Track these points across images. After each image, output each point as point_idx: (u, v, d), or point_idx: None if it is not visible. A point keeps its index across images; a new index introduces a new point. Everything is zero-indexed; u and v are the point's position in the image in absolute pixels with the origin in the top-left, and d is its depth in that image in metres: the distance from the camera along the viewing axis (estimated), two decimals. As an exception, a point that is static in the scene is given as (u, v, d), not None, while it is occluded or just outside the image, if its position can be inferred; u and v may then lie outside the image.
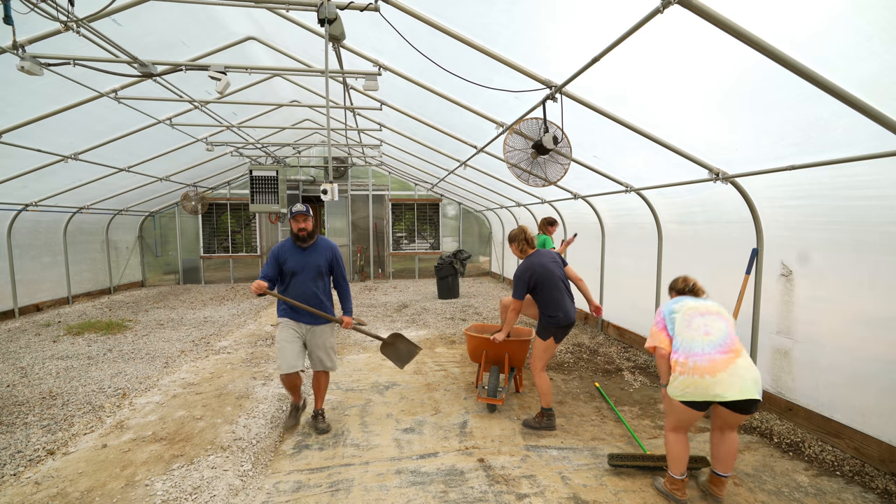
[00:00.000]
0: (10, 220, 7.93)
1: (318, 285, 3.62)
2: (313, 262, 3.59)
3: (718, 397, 2.44)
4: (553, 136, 3.66)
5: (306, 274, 3.56)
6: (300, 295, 3.55)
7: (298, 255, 3.57)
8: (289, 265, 3.55)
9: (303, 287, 3.55)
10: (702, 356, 2.50)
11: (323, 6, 3.10)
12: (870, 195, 3.08)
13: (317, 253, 3.62)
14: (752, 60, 2.41)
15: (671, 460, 2.74)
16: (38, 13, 3.22)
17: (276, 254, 3.59)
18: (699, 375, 2.46)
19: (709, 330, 2.58)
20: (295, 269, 3.55)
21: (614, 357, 5.73)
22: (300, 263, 3.56)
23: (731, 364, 2.46)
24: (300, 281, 3.55)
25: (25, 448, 3.47)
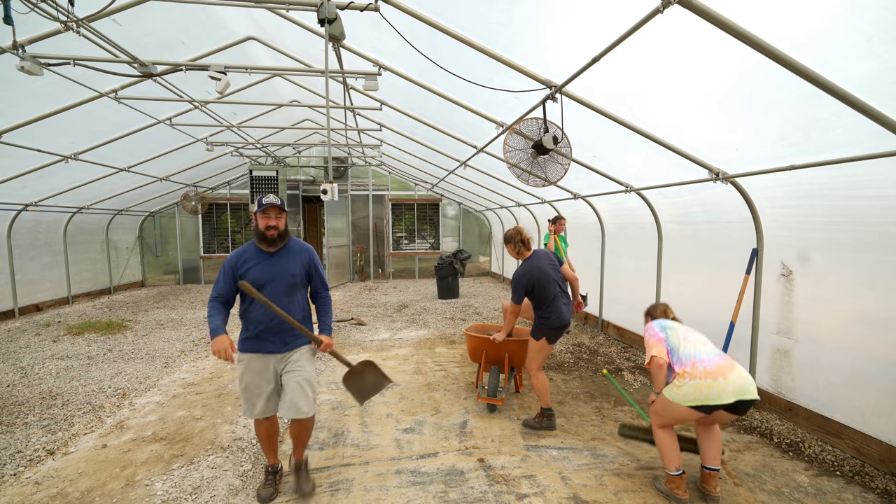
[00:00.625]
0: (10, 220, 7.93)
1: (294, 300, 2.75)
2: (285, 269, 2.72)
3: (733, 396, 2.51)
4: (553, 136, 3.66)
5: (277, 286, 2.68)
6: (269, 317, 2.67)
7: (265, 262, 2.69)
8: (252, 276, 2.64)
9: (273, 301, 2.64)
10: (709, 361, 2.64)
11: (323, 6, 3.10)
12: (870, 195, 3.08)
13: (289, 258, 2.76)
14: (751, 60, 2.41)
15: (666, 455, 2.78)
16: (38, 13, 3.23)
17: (234, 263, 2.67)
18: (713, 378, 2.55)
19: (705, 343, 2.79)
20: (261, 281, 2.64)
21: (614, 357, 5.73)
22: (268, 273, 2.67)
23: (734, 367, 2.62)
24: (268, 296, 2.64)
25: (25, 448, 3.47)
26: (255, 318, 2.69)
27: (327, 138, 3.90)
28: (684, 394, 2.61)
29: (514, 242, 3.81)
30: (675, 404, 2.66)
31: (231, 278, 2.67)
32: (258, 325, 2.70)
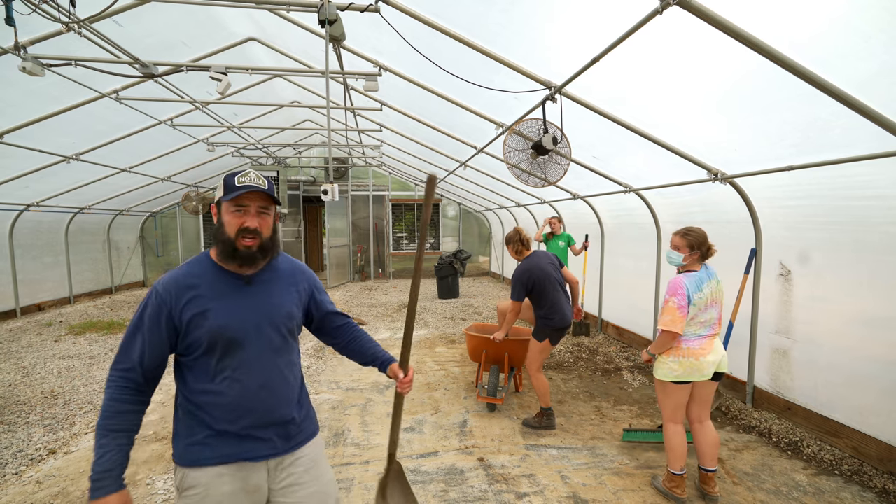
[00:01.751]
0: (11, 221, 7.95)
1: (291, 365, 1.57)
2: (275, 309, 1.52)
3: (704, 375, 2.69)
4: (552, 136, 3.67)
5: (262, 342, 1.47)
6: (252, 398, 1.45)
7: (236, 297, 1.47)
8: (216, 323, 1.41)
9: (258, 375, 1.46)
10: (694, 342, 2.72)
11: (323, 7, 3.12)
12: (868, 195, 3.09)
13: (279, 287, 1.57)
14: (750, 61, 2.42)
15: (672, 453, 2.78)
16: (39, 14, 3.24)
17: (168, 300, 1.40)
18: (694, 358, 2.68)
19: (704, 321, 2.74)
20: (233, 333, 1.42)
21: (613, 357, 5.74)
22: (244, 317, 1.45)
23: (712, 344, 2.74)
24: (250, 361, 1.45)
25: (27, 447, 3.48)
26: (231, 403, 1.40)
27: (328, 139, 3.91)
28: (669, 369, 2.73)
29: (513, 242, 3.84)
30: (667, 384, 2.75)
31: (163, 330, 1.38)
32: (238, 415, 1.41)
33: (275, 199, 1.50)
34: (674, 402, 2.77)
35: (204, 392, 1.42)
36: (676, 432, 2.78)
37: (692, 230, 2.76)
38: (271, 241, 1.52)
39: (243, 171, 1.47)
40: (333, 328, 1.77)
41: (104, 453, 1.29)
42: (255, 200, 1.46)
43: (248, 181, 1.44)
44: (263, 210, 1.48)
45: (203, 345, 1.39)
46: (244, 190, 1.42)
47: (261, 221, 1.47)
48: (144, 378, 1.40)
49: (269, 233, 1.50)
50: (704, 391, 2.80)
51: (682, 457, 2.77)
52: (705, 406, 2.83)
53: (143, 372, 1.39)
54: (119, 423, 1.33)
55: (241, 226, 1.43)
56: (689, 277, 2.69)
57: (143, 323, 1.38)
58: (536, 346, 3.71)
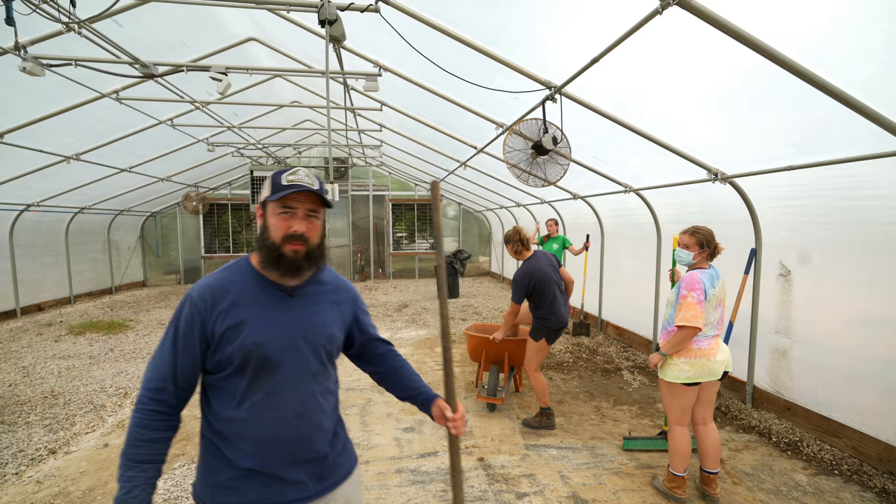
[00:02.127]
0: (12, 221, 7.96)
1: (325, 389, 1.38)
2: (317, 328, 1.35)
3: (715, 375, 2.69)
4: (552, 136, 3.67)
5: (301, 365, 1.30)
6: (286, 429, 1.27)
7: (277, 310, 1.30)
8: (252, 339, 1.23)
9: (293, 402, 1.28)
10: (704, 342, 2.71)
11: (323, 7, 3.12)
12: (868, 195, 3.09)
13: (322, 304, 1.39)
14: (750, 62, 2.42)
15: (677, 456, 2.77)
16: (39, 14, 3.24)
17: (203, 310, 1.23)
18: (706, 358, 2.67)
19: (712, 321, 2.73)
20: (270, 353, 1.25)
21: (613, 357, 5.74)
22: (284, 335, 1.28)
23: (718, 343, 2.75)
24: (285, 386, 1.28)
25: (27, 447, 3.48)
26: (261, 434, 1.24)
27: (328, 139, 3.91)
28: (681, 371, 2.69)
29: (513, 242, 3.82)
30: (675, 386, 2.72)
31: (196, 342, 1.23)
32: (267, 448, 1.24)
33: (325, 202, 1.31)
34: (682, 404, 2.75)
35: (230, 421, 1.24)
36: (683, 435, 2.76)
37: (700, 228, 2.80)
38: (319, 249, 1.34)
39: (292, 169, 1.30)
40: (375, 355, 1.56)
41: (131, 488, 1.15)
42: (304, 202, 1.28)
43: (297, 180, 1.26)
44: (312, 213, 1.30)
45: (234, 362, 1.22)
46: (292, 190, 1.24)
47: (309, 226, 1.29)
48: (177, 398, 1.24)
49: (317, 239, 1.33)
50: (710, 391, 2.79)
51: (687, 459, 2.77)
52: (710, 407, 2.82)
53: (176, 392, 1.23)
54: (147, 452, 1.19)
55: (288, 230, 1.26)
56: (703, 273, 2.72)
57: (178, 334, 1.22)
58: (533, 345, 3.71)
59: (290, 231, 1.26)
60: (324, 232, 1.38)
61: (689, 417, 2.79)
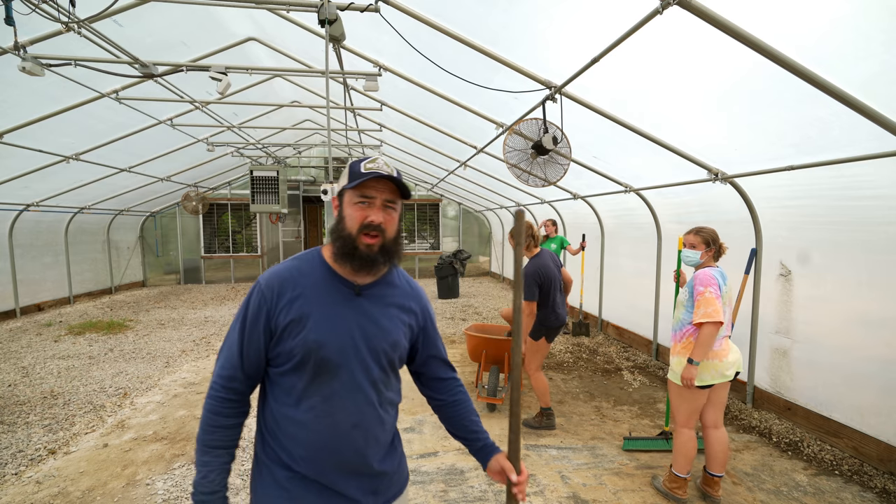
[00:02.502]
0: (11, 221, 7.95)
1: (386, 400, 1.30)
2: (383, 331, 1.26)
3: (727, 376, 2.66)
4: (553, 136, 3.67)
5: (359, 367, 1.22)
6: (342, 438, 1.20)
7: (341, 307, 1.22)
8: (313, 336, 1.17)
9: (350, 410, 1.21)
10: (716, 343, 2.66)
11: (323, 7, 3.11)
12: (868, 195, 3.09)
13: (390, 307, 1.30)
14: (751, 61, 2.42)
15: (683, 458, 2.74)
16: (39, 14, 3.24)
17: (269, 299, 1.19)
18: (719, 359, 2.64)
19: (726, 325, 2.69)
20: (329, 352, 1.18)
21: (613, 357, 5.74)
22: (346, 334, 1.20)
23: (729, 344, 2.72)
24: (344, 392, 1.20)
25: (27, 447, 3.48)
26: (315, 441, 1.18)
27: (328, 139, 3.91)
28: (700, 375, 2.62)
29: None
30: (687, 390, 2.66)
31: (261, 332, 1.19)
32: (321, 457, 1.19)
33: (403, 192, 1.25)
34: (691, 406, 2.71)
35: (286, 420, 1.20)
36: (691, 438, 2.73)
37: (704, 228, 2.80)
38: (395, 244, 1.26)
39: (371, 157, 1.24)
40: (436, 379, 1.45)
41: (207, 472, 1.18)
42: (383, 191, 1.22)
43: (377, 167, 1.20)
44: (390, 204, 1.24)
45: (294, 358, 1.18)
46: (370, 176, 1.18)
47: (386, 217, 1.23)
48: (247, 386, 1.23)
49: (393, 232, 1.26)
50: (721, 394, 2.75)
51: (691, 462, 2.75)
52: (720, 409, 2.76)
53: (245, 378, 1.21)
54: (220, 438, 1.19)
55: (365, 220, 1.20)
56: (715, 270, 2.71)
57: (245, 323, 1.20)
58: (533, 345, 3.71)
59: (366, 221, 1.20)
60: (401, 226, 1.31)
61: (697, 420, 2.76)
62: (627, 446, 3.44)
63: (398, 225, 1.28)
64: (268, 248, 13.12)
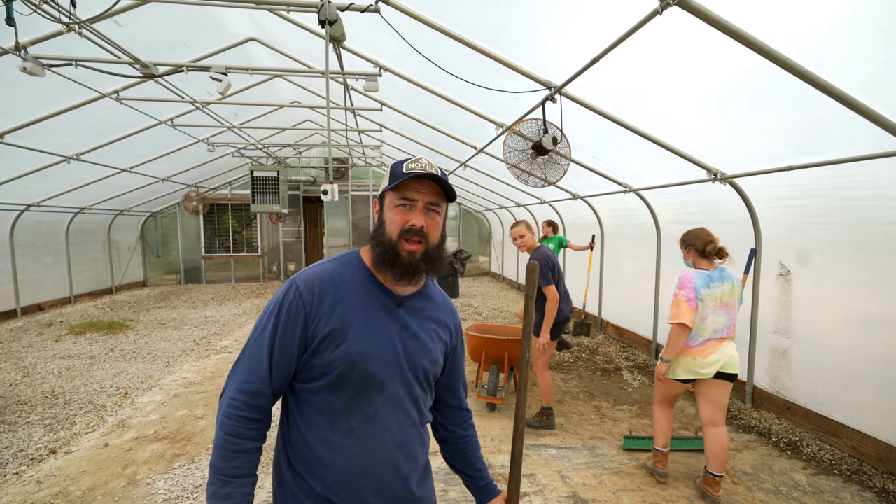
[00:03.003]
0: (12, 221, 7.96)
1: (425, 418, 1.22)
2: (423, 346, 1.17)
3: (703, 374, 2.75)
4: (552, 136, 3.67)
5: (403, 385, 1.13)
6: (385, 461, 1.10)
7: (384, 319, 1.13)
8: (356, 349, 1.07)
9: (395, 430, 1.11)
10: (697, 344, 2.78)
11: (324, 7, 3.12)
12: (868, 195, 3.09)
13: (429, 321, 1.20)
14: (750, 62, 2.42)
15: (657, 432, 2.98)
16: (40, 14, 3.25)
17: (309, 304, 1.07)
18: (692, 357, 2.77)
19: (713, 325, 2.78)
20: (375, 368, 1.08)
21: (613, 357, 5.74)
22: (390, 348, 1.11)
23: (718, 346, 2.76)
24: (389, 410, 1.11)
25: (28, 447, 3.49)
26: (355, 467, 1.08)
27: (328, 139, 3.92)
28: (671, 369, 2.83)
29: (521, 227, 3.73)
30: (664, 379, 2.87)
31: (297, 340, 1.07)
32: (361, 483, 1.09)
33: (449, 194, 1.15)
34: (664, 391, 2.93)
35: (321, 444, 1.06)
36: (663, 413, 2.98)
37: (687, 231, 2.94)
38: (438, 251, 1.15)
39: (414, 157, 1.14)
40: (450, 408, 1.32)
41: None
42: (425, 193, 1.12)
43: (420, 167, 1.10)
44: (433, 207, 1.13)
45: (333, 372, 1.05)
46: (411, 175, 1.08)
47: (429, 220, 1.13)
48: (272, 403, 1.08)
49: (437, 238, 1.15)
50: (715, 392, 2.75)
51: (665, 435, 2.96)
52: (719, 409, 2.76)
53: (272, 393, 1.07)
54: (242, 465, 1.03)
55: (406, 224, 1.10)
56: (697, 273, 2.80)
57: (278, 328, 1.05)
58: (537, 342, 3.70)
59: (407, 225, 1.10)
60: (444, 231, 1.20)
61: (672, 402, 2.97)
62: (627, 445, 3.45)
63: (443, 229, 1.18)
64: (268, 249, 13.13)
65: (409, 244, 1.09)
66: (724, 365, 2.71)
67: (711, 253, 2.82)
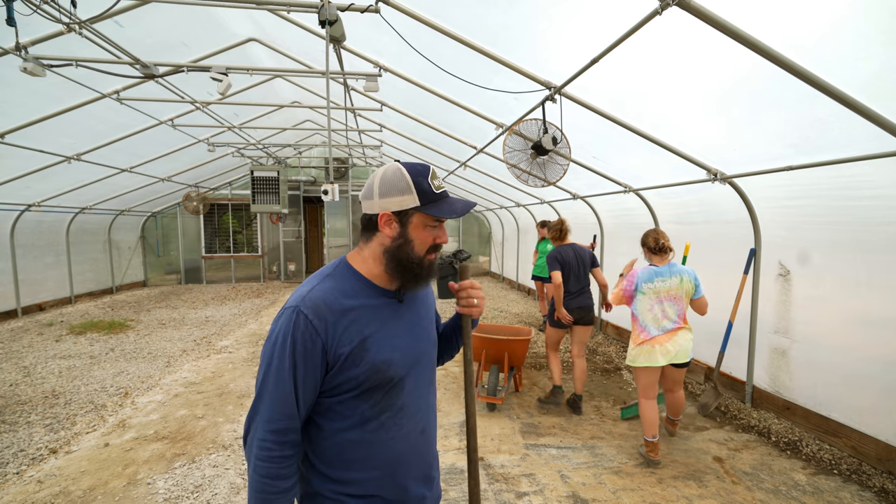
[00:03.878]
0: (12, 221, 7.96)
1: (434, 397, 1.31)
2: (426, 331, 1.27)
3: (664, 360, 3.16)
4: (552, 136, 3.68)
5: (420, 374, 1.22)
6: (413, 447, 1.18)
7: (393, 321, 1.17)
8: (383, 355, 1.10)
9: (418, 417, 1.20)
10: (652, 332, 3.20)
11: (324, 8, 3.12)
12: (868, 195, 3.09)
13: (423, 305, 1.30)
14: (750, 62, 2.43)
15: (646, 424, 3.22)
16: (40, 15, 3.25)
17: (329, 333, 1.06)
18: (650, 346, 3.17)
19: (665, 316, 3.19)
20: (398, 371, 1.13)
21: (613, 357, 5.75)
22: (406, 346, 1.17)
23: (670, 338, 3.17)
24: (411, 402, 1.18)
25: (28, 447, 3.49)
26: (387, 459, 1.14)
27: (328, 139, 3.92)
28: (633, 355, 3.26)
29: (552, 230, 4.28)
30: (636, 368, 3.27)
31: (318, 369, 1.07)
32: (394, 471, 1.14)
33: None
34: (643, 381, 3.26)
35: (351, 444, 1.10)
36: (648, 406, 3.24)
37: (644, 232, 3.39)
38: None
39: (430, 171, 1.14)
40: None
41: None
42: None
43: (441, 184, 1.14)
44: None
45: (360, 385, 1.07)
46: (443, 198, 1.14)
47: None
48: (301, 432, 1.09)
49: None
50: (673, 375, 3.34)
51: (653, 426, 3.20)
52: (677, 384, 3.39)
53: (300, 427, 1.08)
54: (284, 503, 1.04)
55: (435, 241, 1.14)
56: (645, 269, 3.25)
57: (297, 362, 1.03)
58: (550, 329, 4.26)
59: (435, 242, 1.14)
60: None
61: (653, 393, 3.26)
62: (624, 415, 3.97)
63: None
64: (268, 249, 13.13)
65: (430, 255, 1.16)
66: (674, 357, 3.16)
67: (655, 248, 3.24)
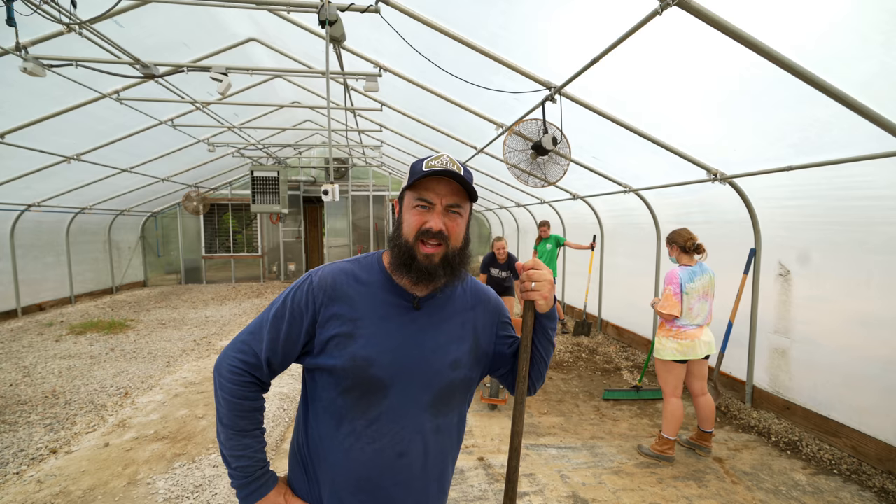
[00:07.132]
0: (12, 221, 7.96)
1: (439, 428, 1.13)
2: (440, 349, 1.11)
3: (704, 353, 3.19)
4: (552, 136, 3.68)
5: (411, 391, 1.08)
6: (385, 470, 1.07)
7: (398, 324, 1.09)
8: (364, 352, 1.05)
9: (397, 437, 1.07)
10: (692, 328, 3.21)
11: (324, 8, 3.12)
12: (867, 195, 3.10)
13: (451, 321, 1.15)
14: (750, 62, 2.43)
15: (674, 422, 3.20)
16: (40, 15, 3.25)
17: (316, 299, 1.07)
18: (690, 340, 3.17)
19: (699, 313, 3.21)
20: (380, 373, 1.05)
21: (613, 356, 5.75)
22: (402, 353, 1.07)
23: (704, 331, 3.22)
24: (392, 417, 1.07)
25: (28, 447, 3.49)
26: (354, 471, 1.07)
27: (328, 139, 3.92)
28: (671, 349, 3.20)
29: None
30: (668, 363, 3.22)
31: (302, 330, 1.08)
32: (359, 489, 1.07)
33: (471, 193, 1.09)
34: (675, 378, 3.24)
35: (328, 441, 1.08)
36: (678, 405, 3.23)
37: (672, 231, 3.35)
38: (460, 255, 1.10)
39: (436, 154, 1.08)
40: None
41: (253, 454, 1.08)
42: (445, 194, 1.06)
43: (440, 164, 1.03)
44: (454, 209, 1.07)
45: (337, 374, 1.05)
46: (428, 173, 1.02)
47: (448, 223, 1.07)
48: (268, 377, 1.11)
49: (458, 242, 1.10)
50: (701, 368, 3.31)
51: (679, 426, 3.23)
52: (703, 381, 3.33)
53: (267, 372, 1.10)
54: (253, 420, 1.09)
55: (423, 226, 1.05)
56: (682, 269, 3.20)
57: (284, 311, 1.07)
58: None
59: (424, 227, 1.05)
60: (468, 234, 1.15)
61: (681, 390, 3.28)
62: (607, 396, 4.28)
63: (465, 232, 1.13)
64: (268, 249, 13.13)
65: (427, 247, 1.05)
66: (710, 348, 3.21)
67: (691, 249, 3.22)
